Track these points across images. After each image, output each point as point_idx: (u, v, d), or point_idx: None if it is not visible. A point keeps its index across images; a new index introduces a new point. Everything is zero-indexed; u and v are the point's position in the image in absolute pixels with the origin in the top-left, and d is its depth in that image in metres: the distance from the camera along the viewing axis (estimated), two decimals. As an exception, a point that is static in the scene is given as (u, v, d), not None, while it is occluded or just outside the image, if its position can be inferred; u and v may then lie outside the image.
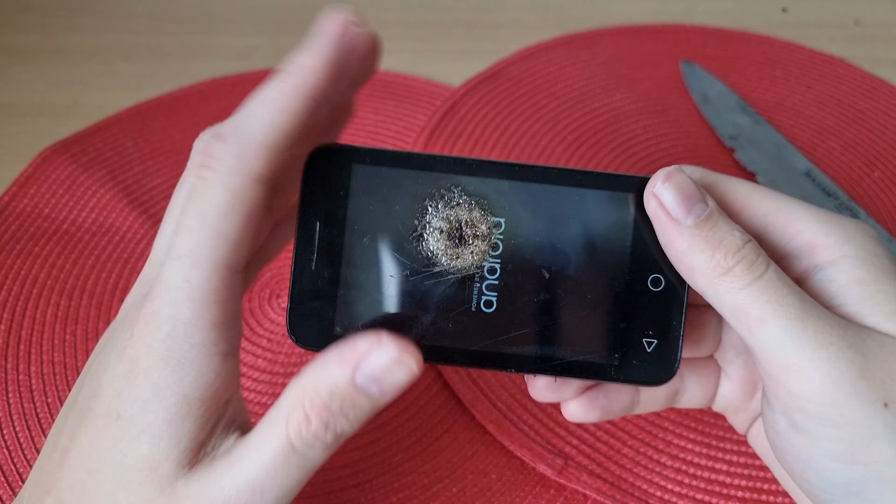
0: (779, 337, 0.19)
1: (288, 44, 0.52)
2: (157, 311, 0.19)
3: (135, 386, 0.19)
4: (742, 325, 0.19)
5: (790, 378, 0.19)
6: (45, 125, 0.46)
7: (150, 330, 0.19)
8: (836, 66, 0.50)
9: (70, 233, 0.40)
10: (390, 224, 0.21)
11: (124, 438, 0.19)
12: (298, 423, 0.19)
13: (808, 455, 0.19)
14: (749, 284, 0.19)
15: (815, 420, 0.19)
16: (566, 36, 0.52)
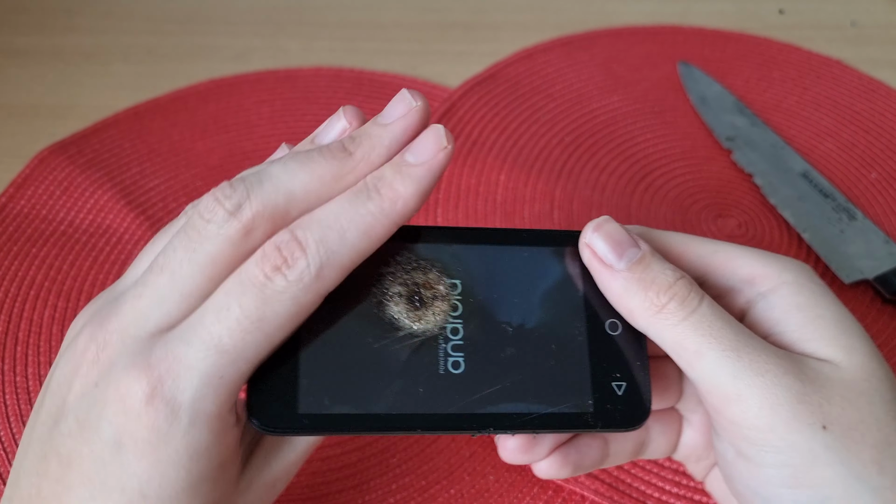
0: (715, 368, 0.19)
1: (285, 45, 0.53)
2: (174, 397, 0.18)
3: (159, 472, 0.18)
4: (682, 360, 0.20)
5: (730, 407, 0.19)
6: (42, 126, 0.46)
7: (164, 416, 0.18)
8: (833, 67, 0.50)
9: (67, 234, 0.40)
10: (350, 292, 0.20)
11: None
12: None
13: (756, 482, 0.20)
14: (683, 320, 0.20)
15: (757, 447, 0.19)
16: (564, 37, 0.52)
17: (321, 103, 0.47)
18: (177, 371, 0.18)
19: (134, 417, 0.18)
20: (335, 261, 0.19)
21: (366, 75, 0.50)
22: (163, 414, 0.18)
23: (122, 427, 0.18)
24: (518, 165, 0.43)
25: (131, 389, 0.18)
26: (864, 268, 0.37)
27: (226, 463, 0.20)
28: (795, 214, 0.40)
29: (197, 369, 0.18)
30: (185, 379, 0.18)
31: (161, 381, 0.18)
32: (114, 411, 0.18)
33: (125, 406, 0.18)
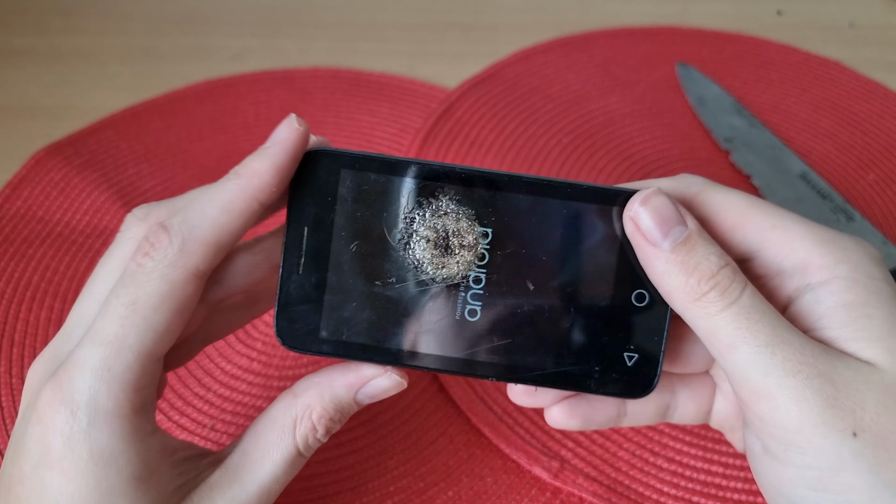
0: (747, 364, 0.19)
1: (282, 45, 0.53)
2: (71, 398, 0.18)
3: (67, 481, 0.18)
4: (714, 349, 0.20)
5: (759, 403, 0.19)
6: (38, 127, 0.46)
7: (64, 418, 0.18)
8: (831, 68, 0.50)
9: (64, 235, 0.39)
10: (378, 231, 0.21)
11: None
12: (306, 433, 0.21)
13: (780, 480, 0.20)
14: (722, 310, 0.19)
15: (783, 446, 0.19)
16: (562, 38, 0.52)
17: (318, 104, 0.47)
18: (72, 373, 0.19)
19: (45, 427, 0.18)
20: (198, 235, 0.19)
21: (363, 76, 0.49)
22: (63, 416, 0.18)
23: (39, 440, 0.19)
24: (516, 166, 0.43)
25: (41, 401, 0.19)
26: (862, 269, 0.37)
27: (142, 479, 0.19)
28: (794, 216, 0.40)
29: (87, 367, 0.18)
30: (78, 378, 0.18)
31: (61, 386, 0.19)
32: (33, 426, 0.19)
33: (39, 418, 0.19)
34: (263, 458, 0.21)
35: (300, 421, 0.21)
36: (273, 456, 0.21)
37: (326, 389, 0.21)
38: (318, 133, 0.45)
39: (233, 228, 0.20)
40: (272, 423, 0.21)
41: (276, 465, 0.21)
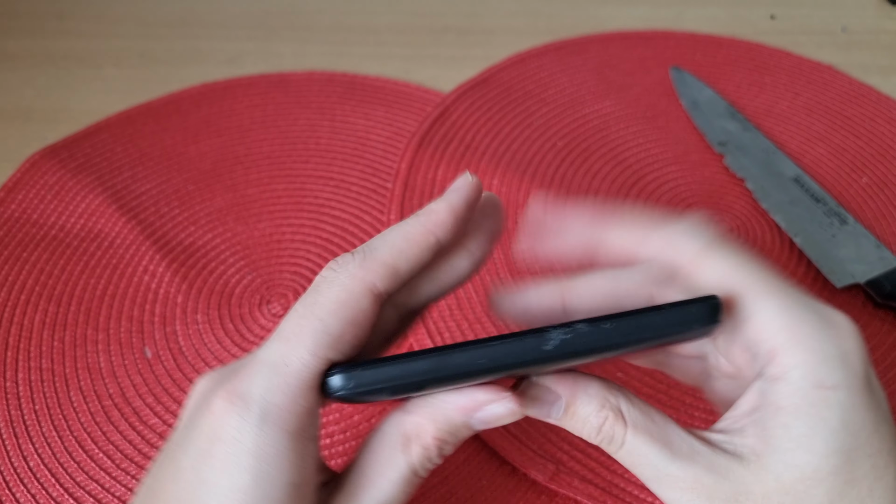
0: (649, 483, 0.21)
1: (278, 49, 0.53)
2: (248, 390, 0.19)
3: (226, 476, 0.18)
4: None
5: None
6: (33, 130, 0.46)
7: (238, 410, 0.19)
8: (823, 72, 0.50)
9: (58, 238, 0.39)
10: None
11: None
12: (421, 453, 0.20)
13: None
14: (616, 452, 0.21)
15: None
16: (556, 42, 0.52)
17: (314, 107, 0.47)
18: (251, 368, 0.19)
19: (215, 418, 0.19)
20: (377, 255, 0.20)
21: (358, 79, 0.49)
22: (237, 408, 0.18)
23: (206, 433, 0.19)
24: (511, 170, 0.43)
25: (216, 396, 0.19)
26: (855, 272, 0.37)
27: (296, 486, 0.19)
28: (787, 219, 0.40)
29: (266, 361, 0.19)
30: (255, 372, 0.19)
31: (240, 380, 0.19)
32: (203, 418, 0.19)
33: (211, 410, 0.19)
34: (379, 477, 0.20)
35: (411, 440, 0.20)
36: (388, 475, 0.20)
37: (439, 410, 0.20)
38: (314, 136, 0.45)
39: (410, 255, 0.21)
40: (384, 440, 0.21)
41: (391, 485, 0.20)
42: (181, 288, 0.37)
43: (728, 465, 0.20)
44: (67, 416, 0.32)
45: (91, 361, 0.34)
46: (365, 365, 0.19)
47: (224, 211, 0.41)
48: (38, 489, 0.30)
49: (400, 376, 0.19)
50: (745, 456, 0.20)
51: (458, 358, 0.19)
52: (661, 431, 0.21)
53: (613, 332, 0.19)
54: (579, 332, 0.19)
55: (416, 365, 0.19)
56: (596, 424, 0.21)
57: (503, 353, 0.19)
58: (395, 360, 0.19)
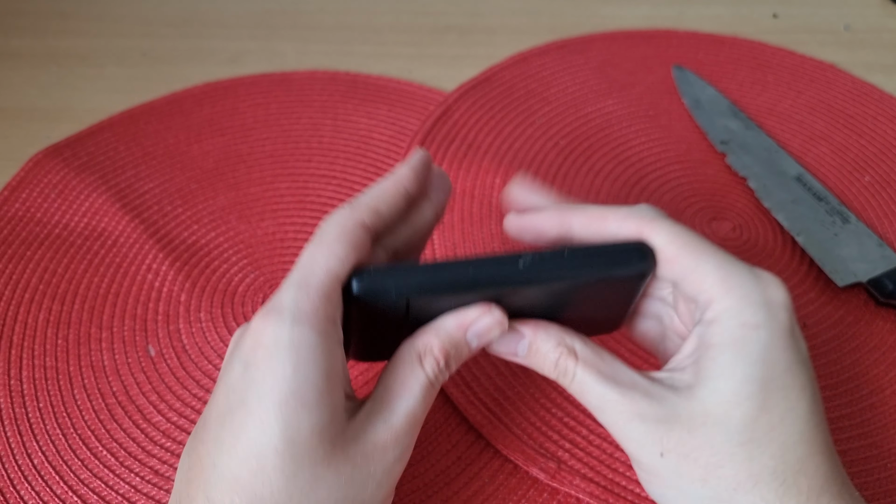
0: (591, 403, 0.25)
1: (280, 48, 0.53)
2: (280, 304, 0.22)
3: (270, 371, 0.22)
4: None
5: (600, 416, 0.25)
6: (36, 129, 0.46)
7: (273, 320, 0.22)
8: (826, 71, 0.50)
9: (62, 237, 0.40)
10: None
11: (285, 415, 0.21)
12: (432, 364, 0.24)
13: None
14: (569, 385, 0.25)
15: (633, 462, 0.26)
16: (559, 41, 0.52)
17: (316, 106, 0.47)
18: (279, 292, 0.23)
19: (256, 333, 0.22)
20: (363, 201, 0.25)
21: (361, 78, 0.50)
22: (273, 318, 0.22)
23: (250, 345, 0.22)
24: (513, 169, 0.43)
25: (254, 319, 0.23)
26: (857, 271, 0.37)
27: (329, 377, 0.22)
28: (789, 218, 0.40)
29: (290, 282, 0.23)
30: (283, 291, 0.23)
31: (272, 301, 0.23)
32: (245, 339, 0.23)
33: (251, 330, 0.23)
34: (403, 388, 0.24)
35: (424, 356, 0.24)
36: (411, 386, 0.24)
37: (440, 328, 0.25)
38: (316, 135, 0.45)
39: (387, 200, 0.25)
40: (401, 361, 0.25)
41: (414, 393, 0.24)
42: (184, 286, 0.37)
43: (663, 394, 0.24)
44: (71, 414, 0.33)
45: (95, 359, 0.34)
46: (375, 271, 0.23)
47: (227, 210, 0.41)
48: (42, 486, 0.30)
49: (402, 278, 0.23)
50: (680, 388, 0.24)
51: (450, 268, 0.23)
52: (608, 367, 0.25)
53: (569, 259, 0.24)
54: (544, 256, 0.23)
55: (416, 271, 0.23)
56: (553, 359, 0.25)
57: (486, 268, 0.23)
58: (400, 269, 0.23)
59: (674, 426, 0.23)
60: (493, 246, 0.39)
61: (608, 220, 0.25)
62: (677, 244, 0.24)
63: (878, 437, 0.32)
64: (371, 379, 0.34)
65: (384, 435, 0.23)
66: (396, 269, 0.23)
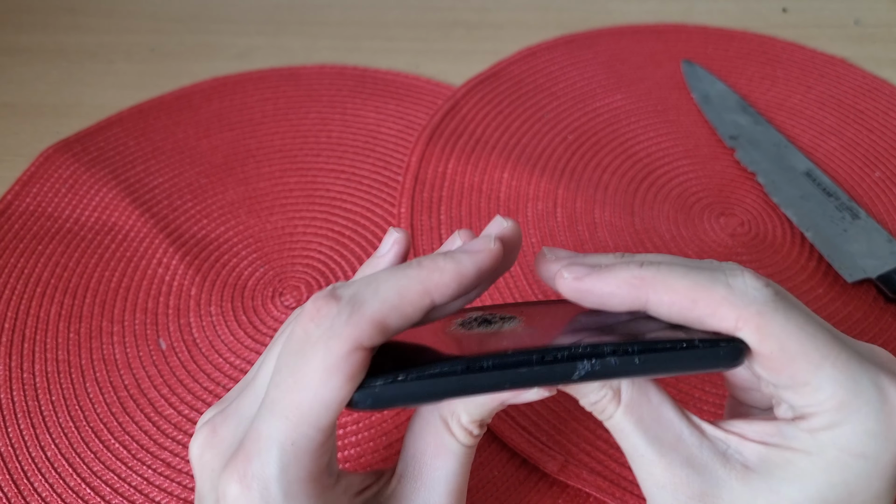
0: (635, 466, 0.22)
1: (288, 43, 0.53)
2: (262, 472, 0.19)
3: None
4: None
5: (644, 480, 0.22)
6: (46, 124, 0.46)
7: (258, 493, 0.19)
8: (836, 66, 0.50)
9: (73, 231, 0.40)
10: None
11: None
12: (462, 433, 0.21)
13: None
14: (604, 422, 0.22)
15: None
16: (567, 36, 0.52)
17: (324, 101, 0.48)
18: (259, 447, 0.19)
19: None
20: (366, 312, 0.18)
21: (369, 73, 0.50)
22: (257, 492, 0.18)
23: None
24: (521, 164, 0.43)
25: (227, 480, 0.19)
26: (866, 267, 0.37)
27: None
28: (798, 213, 0.40)
29: (273, 440, 0.19)
30: (265, 452, 0.19)
31: (250, 461, 0.19)
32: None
33: (226, 496, 0.19)
34: (436, 457, 0.21)
35: (452, 425, 0.21)
36: (444, 454, 0.21)
37: (469, 402, 0.21)
38: (325, 129, 0.45)
39: (401, 313, 0.19)
40: (427, 425, 0.21)
41: (450, 462, 0.21)
42: (195, 280, 0.37)
43: (709, 465, 0.20)
44: (84, 407, 0.33)
45: (106, 353, 0.35)
46: (386, 379, 0.18)
47: (236, 204, 0.41)
48: (55, 478, 0.31)
49: (418, 394, 0.18)
50: (733, 461, 0.20)
51: (482, 380, 0.18)
52: (653, 415, 0.21)
53: (640, 366, 0.19)
54: (607, 365, 0.19)
55: (437, 384, 0.18)
56: (593, 400, 0.21)
57: (530, 378, 0.19)
58: (416, 376, 0.18)
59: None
60: (501, 241, 0.39)
61: (698, 305, 0.19)
62: (789, 352, 0.19)
63: (886, 433, 0.32)
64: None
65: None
66: (410, 381, 0.18)
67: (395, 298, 0.19)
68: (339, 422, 0.32)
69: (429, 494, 0.20)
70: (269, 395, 0.19)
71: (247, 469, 0.19)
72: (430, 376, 0.18)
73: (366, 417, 0.32)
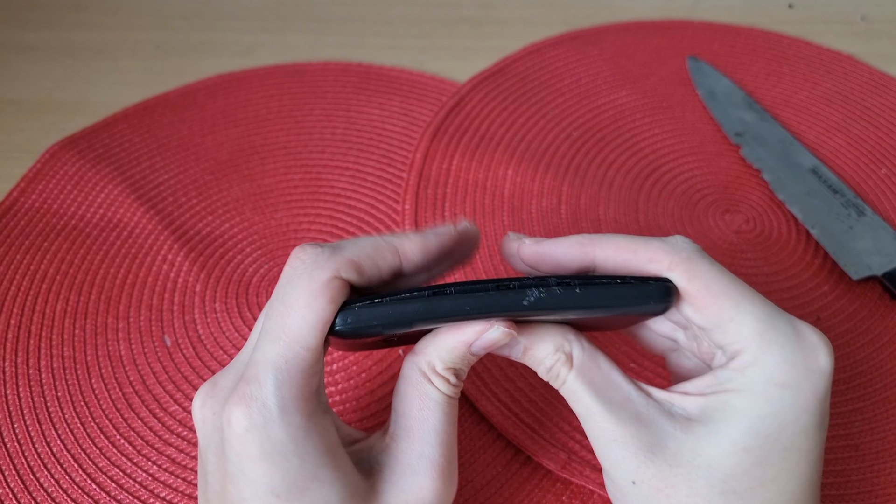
0: (582, 415, 0.24)
1: (292, 40, 0.53)
2: (259, 391, 0.21)
3: (272, 465, 0.20)
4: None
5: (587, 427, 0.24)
6: (51, 122, 0.46)
7: (258, 410, 0.20)
8: (843, 62, 0.50)
9: (78, 228, 0.40)
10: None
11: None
12: (441, 382, 0.23)
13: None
14: (559, 388, 0.24)
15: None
16: (572, 32, 0.52)
17: (329, 98, 0.48)
18: (256, 371, 0.21)
19: (238, 425, 0.21)
20: (345, 253, 0.22)
21: (374, 70, 0.50)
22: (257, 409, 0.20)
23: (238, 440, 0.21)
24: (526, 160, 0.43)
25: (231, 407, 0.21)
26: (872, 264, 0.37)
27: (333, 450, 0.21)
28: (804, 210, 0.40)
29: (266, 362, 0.21)
30: (262, 373, 0.21)
31: (248, 384, 0.21)
32: (230, 433, 0.21)
33: (233, 424, 0.21)
34: (423, 411, 0.23)
35: (429, 374, 0.23)
36: (427, 407, 0.23)
37: (442, 346, 0.23)
38: (329, 126, 0.45)
39: (375, 261, 0.22)
40: (409, 384, 0.23)
41: (436, 413, 0.23)
42: (199, 277, 0.38)
43: (656, 419, 0.22)
44: (89, 403, 0.33)
45: (112, 349, 0.35)
46: (362, 304, 0.21)
47: (241, 201, 0.41)
48: (61, 474, 0.31)
49: (392, 315, 0.21)
50: (677, 416, 0.22)
51: (445, 302, 0.21)
52: (602, 378, 0.23)
53: (581, 296, 0.21)
54: (553, 293, 0.21)
55: (407, 306, 0.21)
56: (547, 364, 0.23)
57: (485, 303, 0.21)
58: (390, 302, 0.21)
59: (655, 457, 0.22)
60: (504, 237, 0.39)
61: (637, 253, 0.23)
62: (713, 291, 0.22)
63: (890, 432, 0.32)
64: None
65: (423, 474, 0.22)
66: (385, 303, 0.21)
67: (371, 250, 0.22)
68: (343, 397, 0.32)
69: (422, 447, 0.22)
70: (264, 328, 0.21)
71: (245, 391, 0.21)
72: (402, 300, 0.21)
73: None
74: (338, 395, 0.33)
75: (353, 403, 0.33)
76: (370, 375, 0.34)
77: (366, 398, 0.33)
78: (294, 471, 0.21)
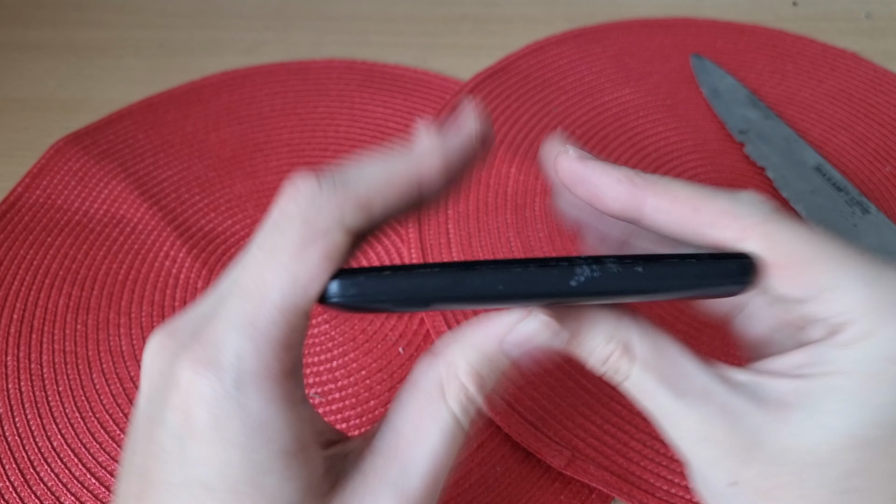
0: (659, 418, 0.20)
1: (296, 38, 0.53)
2: (215, 358, 0.16)
3: (215, 452, 0.16)
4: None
5: (670, 431, 0.20)
6: (55, 119, 0.47)
7: (208, 382, 0.16)
8: (847, 60, 0.50)
9: (82, 224, 0.40)
10: None
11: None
12: (460, 395, 0.18)
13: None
14: (621, 385, 0.20)
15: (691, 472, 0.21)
16: (575, 30, 0.52)
17: (333, 95, 0.48)
18: (214, 331, 0.16)
19: (187, 394, 0.16)
20: (352, 191, 0.17)
21: (377, 67, 0.50)
22: (208, 380, 0.16)
23: (181, 410, 0.16)
24: (529, 158, 0.43)
25: (180, 367, 0.16)
26: (877, 261, 0.37)
27: (292, 454, 0.17)
28: (808, 208, 0.40)
29: (230, 323, 0.16)
30: (221, 336, 0.16)
31: (204, 346, 0.16)
32: (172, 395, 0.17)
33: (178, 385, 0.16)
34: (418, 432, 0.18)
35: (447, 382, 0.18)
36: (429, 429, 0.18)
37: (468, 343, 0.18)
38: (332, 124, 0.45)
39: (387, 198, 0.17)
40: (416, 390, 0.18)
41: (434, 440, 0.18)
42: (202, 273, 0.38)
43: (745, 409, 0.18)
44: (90, 398, 0.33)
45: (113, 344, 0.35)
46: (370, 273, 0.16)
47: (244, 198, 0.42)
48: (61, 468, 0.31)
49: (406, 290, 0.16)
50: (770, 402, 0.18)
51: (473, 278, 0.16)
52: (673, 369, 0.19)
53: (643, 276, 0.17)
54: (608, 272, 0.17)
55: (426, 281, 0.16)
56: (601, 357, 0.19)
57: (524, 280, 0.17)
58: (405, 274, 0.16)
59: (755, 456, 0.18)
60: (507, 235, 0.39)
61: (700, 213, 0.18)
62: (803, 258, 0.18)
63: None
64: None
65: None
66: (398, 274, 0.16)
67: (384, 184, 0.17)
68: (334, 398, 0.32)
69: (399, 476, 0.18)
70: (234, 277, 0.17)
71: (199, 354, 0.16)
72: (420, 273, 0.16)
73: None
74: (337, 393, 0.33)
75: (352, 400, 0.33)
76: (369, 373, 0.34)
77: (364, 395, 0.33)
78: (234, 466, 0.16)
